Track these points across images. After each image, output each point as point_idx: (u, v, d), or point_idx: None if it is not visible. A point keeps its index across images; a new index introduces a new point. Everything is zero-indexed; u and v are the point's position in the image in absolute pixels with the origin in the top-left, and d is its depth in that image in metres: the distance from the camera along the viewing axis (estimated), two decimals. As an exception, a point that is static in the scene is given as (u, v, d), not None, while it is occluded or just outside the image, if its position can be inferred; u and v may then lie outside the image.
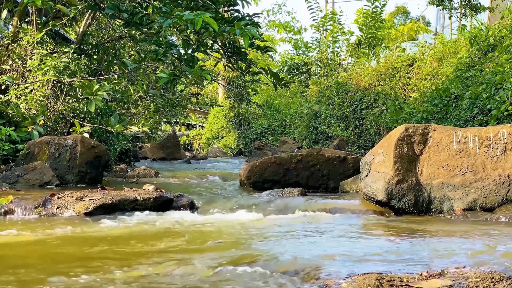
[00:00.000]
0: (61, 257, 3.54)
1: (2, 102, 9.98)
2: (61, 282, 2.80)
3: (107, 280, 2.83)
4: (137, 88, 11.20)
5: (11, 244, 4.03)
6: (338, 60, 25.26)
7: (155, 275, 2.95)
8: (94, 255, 3.59)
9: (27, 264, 3.30)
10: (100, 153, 8.39)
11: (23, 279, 2.88)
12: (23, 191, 6.64)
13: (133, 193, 5.93)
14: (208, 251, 3.70)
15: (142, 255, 3.56)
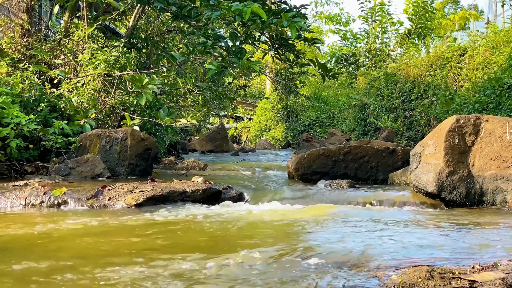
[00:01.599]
0: (113, 247, 3.60)
1: (55, 96, 10.19)
2: (115, 272, 2.84)
3: (161, 270, 2.86)
4: (185, 81, 11.28)
5: (67, 235, 4.11)
6: (387, 50, 24.96)
7: (209, 266, 2.97)
8: (146, 246, 3.63)
9: (83, 254, 3.37)
10: (149, 145, 8.49)
11: (81, 268, 2.94)
12: (76, 183, 6.78)
13: (182, 185, 5.99)
14: (257, 243, 3.71)
15: (193, 246, 3.59)
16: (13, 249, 3.57)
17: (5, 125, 7.71)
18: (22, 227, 4.37)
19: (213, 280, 2.69)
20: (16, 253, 3.42)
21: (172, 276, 2.74)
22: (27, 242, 3.80)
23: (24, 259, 3.17)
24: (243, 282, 2.65)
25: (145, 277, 2.72)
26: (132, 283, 2.60)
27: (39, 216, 5.09)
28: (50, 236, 4.03)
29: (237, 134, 32.10)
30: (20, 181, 6.76)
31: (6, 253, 3.43)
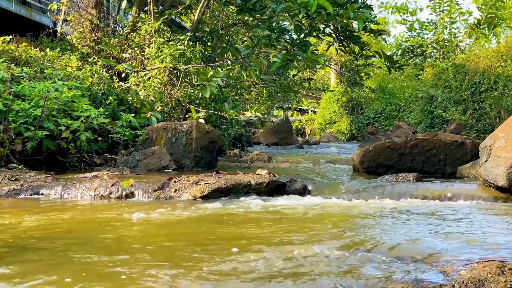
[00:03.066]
0: (181, 238, 3.65)
1: (123, 89, 10.40)
2: (183, 260, 2.87)
3: (228, 262, 2.88)
4: (250, 73, 11.32)
5: (137, 225, 4.19)
6: (456, 41, 24.38)
7: (274, 257, 2.97)
8: (213, 237, 3.66)
9: (152, 242, 3.43)
10: (214, 138, 8.55)
11: (152, 257, 2.99)
12: (143, 175, 6.90)
13: (246, 178, 6.01)
14: (322, 236, 3.69)
15: (258, 238, 3.60)
16: (86, 238, 3.66)
17: (75, 118, 7.92)
18: (94, 216, 4.48)
19: (278, 272, 2.69)
20: (92, 242, 3.50)
21: (237, 267, 2.76)
22: (101, 230, 3.89)
23: (103, 248, 3.26)
24: (308, 274, 2.63)
25: (212, 268, 2.74)
26: (211, 273, 2.63)
27: (108, 206, 5.21)
28: (124, 226, 4.12)
29: (302, 127, 32.00)
30: (89, 172, 6.93)
31: (84, 242, 3.52)
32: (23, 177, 6.38)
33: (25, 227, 4.00)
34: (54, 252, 3.19)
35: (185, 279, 2.50)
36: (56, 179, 6.43)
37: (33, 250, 3.23)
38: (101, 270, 2.70)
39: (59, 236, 3.71)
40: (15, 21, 14.16)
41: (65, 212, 4.79)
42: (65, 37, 13.44)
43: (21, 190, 6.02)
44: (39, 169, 7.32)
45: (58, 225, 4.13)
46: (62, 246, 3.37)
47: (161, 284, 2.43)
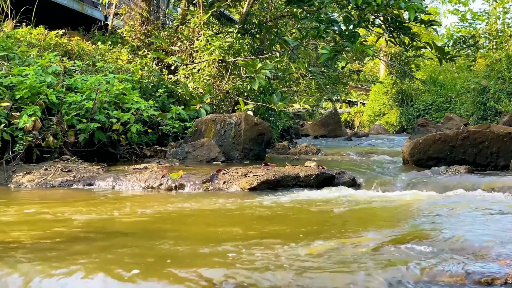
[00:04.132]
0: (232, 229, 3.67)
1: (172, 82, 10.50)
2: (229, 251, 2.89)
3: (275, 255, 2.89)
4: (298, 65, 11.29)
5: (189, 216, 4.24)
6: (509, 31, 23.79)
7: (323, 250, 2.96)
8: (264, 229, 3.67)
9: (206, 234, 3.46)
10: (263, 130, 8.56)
11: (210, 247, 3.02)
12: (192, 166, 6.96)
13: (295, 170, 6.00)
14: (371, 228, 3.66)
15: (307, 230, 3.60)
16: (139, 229, 3.72)
17: (126, 111, 8.04)
18: (146, 207, 4.55)
19: (324, 263, 2.68)
20: (145, 233, 3.55)
21: (287, 258, 2.76)
22: (154, 221, 3.94)
23: (156, 238, 3.30)
24: (354, 265, 2.62)
25: (265, 259, 2.75)
26: (261, 264, 2.64)
27: (158, 197, 5.28)
28: (175, 217, 4.17)
29: (350, 119, 31.80)
30: (139, 164, 7.03)
31: (136, 232, 3.58)
32: (75, 169, 6.51)
33: (79, 218, 4.09)
34: (110, 242, 3.25)
35: (245, 269, 2.51)
36: (108, 171, 6.54)
37: (88, 240, 3.30)
38: (159, 259, 2.74)
39: (114, 227, 3.78)
40: (68, 15, 14.43)
41: (117, 203, 4.87)
42: (116, 31, 13.65)
43: (73, 181, 6.15)
44: (91, 160, 7.46)
45: (112, 216, 4.20)
46: (116, 237, 3.43)
47: (220, 273, 2.45)
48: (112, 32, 13.64)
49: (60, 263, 2.60)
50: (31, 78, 7.25)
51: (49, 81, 7.52)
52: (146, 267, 2.55)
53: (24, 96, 7.17)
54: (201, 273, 2.40)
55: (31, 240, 3.23)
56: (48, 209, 4.47)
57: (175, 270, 2.47)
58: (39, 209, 4.51)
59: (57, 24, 11.64)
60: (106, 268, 2.49)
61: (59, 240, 3.27)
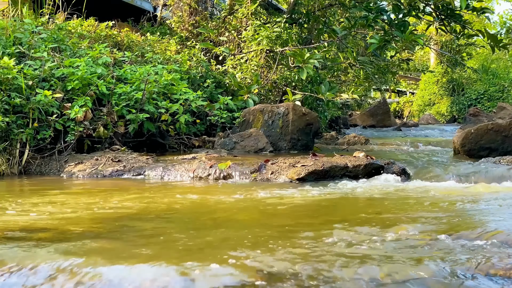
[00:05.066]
0: (281, 218, 3.67)
1: (220, 72, 10.54)
2: (276, 240, 2.89)
3: (324, 244, 2.87)
4: (346, 55, 11.18)
5: (235, 205, 4.26)
6: None
7: (375, 240, 2.93)
8: (309, 217, 3.66)
9: (255, 222, 3.47)
10: (311, 120, 8.52)
11: (262, 237, 3.02)
12: (240, 157, 6.98)
13: (343, 160, 5.96)
14: (420, 219, 3.60)
15: (354, 219, 3.57)
16: (189, 218, 3.75)
17: (174, 101, 8.10)
18: (195, 197, 4.59)
19: (370, 252, 2.64)
20: (195, 222, 3.58)
21: (336, 248, 2.74)
22: (203, 211, 3.97)
23: (205, 227, 3.33)
24: (402, 256, 2.58)
25: (314, 248, 2.73)
26: (311, 254, 2.63)
27: (206, 188, 5.31)
28: (224, 207, 4.19)
29: (399, 108, 31.37)
30: (188, 154, 7.08)
31: (187, 221, 3.61)
32: (125, 159, 6.60)
33: (132, 207, 4.14)
34: (162, 230, 3.29)
35: (293, 259, 2.50)
36: (157, 161, 6.61)
37: (141, 229, 3.34)
38: (208, 248, 2.75)
39: (165, 216, 3.82)
40: (118, 7, 14.60)
41: (166, 192, 4.92)
42: (165, 22, 13.76)
43: (124, 171, 6.24)
44: (141, 150, 7.56)
45: (162, 205, 4.24)
46: (167, 225, 3.46)
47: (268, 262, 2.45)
48: (160, 23, 13.76)
49: (119, 252, 2.63)
50: (82, 69, 7.36)
51: (100, 72, 7.64)
52: (195, 255, 2.56)
53: (75, 87, 7.29)
54: (248, 262, 2.40)
55: (84, 228, 3.28)
56: (100, 199, 4.54)
57: (224, 257, 2.47)
58: (91, 198, 4.59)
59: (107, 15, 11.79)
60: (162, 257, 2.51)
61: (113, 229, 3.32)
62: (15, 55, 7.44)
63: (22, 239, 2.96)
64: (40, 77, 7.17)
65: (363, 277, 2.29)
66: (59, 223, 3.45)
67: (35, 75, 7.11)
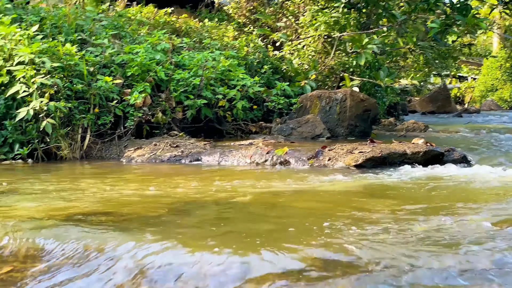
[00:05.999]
0: (338, 205, 3.64)
1: (277, 58, 10.51)
2: (336, 227, 2.87)
3: (385, 230, 2.84)
4: (406, 40, 10.98)
5: (293, 191, 4.25)
6: None
7: (432, 229, 2.88)
8: (366, 205, 3.62)
9: (307, 211, 3.46)
10: (369, 106, 8.43)
11: (306, 221, 3.02)
12: (297, 143, 6.96)
13: (402, 147, 5.87)
14: (485, 208, 3.52)
15: (416, 207, 3.51)
16: (246, 203, 3.77)
17: (232, 87, 8.13)
18: (253, 183, 4.60)
19: (439, 240, 2.59)
20: (250, 208, 3.60)
21: (397, 235, 2.70)
22: (261, 196, 3.98)
23: (263, 213, 3.34)
24: (467, 244, 2.52)
25: (374, 236, 2.71)
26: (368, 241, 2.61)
27: (264, 173, 5.32)
28: (281, 192, 4.19)
29: (460, 94, 30.69)
30: (245, 140, 7.11)
31: (244, 207, 3.63)
32: (183, 144, 6.67)
33: (187, 192, 4.19)
34: (222, 215, 3.31)
35: (353, 246, 2.48)
36: (214, 146, 6.66)
37: (200, 215, 3.37)
38: (265, 234, 2.76)
39: (223, 201, 3.84)
40: (176, -6, 14.72)
41: (224, 178, 4.95)
42: (222, 8, 13.80)
43: (181, 156, 6.31)
44: (198, 136, 7.63)
45: (220, 190, 4.27)
46: (226, 211, 3.49)
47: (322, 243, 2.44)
48: (218, 9, 13.81)
49: (179, 237, 2.66)
50: (141, 55, 7.47)
51: (158, 59, 7.73)
52: (254, 241, 2.57)
53: (134, 73, 7.40)
54: (308, 249, 2.39)
55: (145, 213, 3.33)
56: (159, 184, 4.60)
57: (283, 244, 2.47)
58: (149, 183, 4.66)
59: (166, 2, 11.90)
60: (221, 242, 2.53)
61: (172, 214, 3.36)
62: (77, 42, 7.60)
63: (84, 222, 3.03)
64: (101, 64, 7.31)
65: (432, 266, 2.25)
66: (119, 208, 3.51)
67: (96, 61, 7.25)
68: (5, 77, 6.60)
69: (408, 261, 2.29)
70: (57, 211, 3.33)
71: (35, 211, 3.32)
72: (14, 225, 2.88)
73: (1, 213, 3.24)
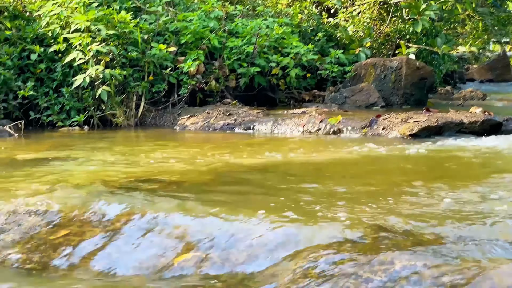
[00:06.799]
0: (386, 175, 3.61)
1: (331, 25, 10.37)
2: (389, 195, 2.83)
3: (439, 199, 2.79)
4: (464, 6, 10.67)
5: (346, 160, 4.23)
6: None
7: (488, 200, 2.82)
8: (419, 175, 3.57)
9: (360, 179, 3.43)
10: (425, 74, 8.27)
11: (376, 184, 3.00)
12: (350, 111, 6.89)
13: (458, 116, 5.74)
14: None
15: (464, 176, 3.44)
16: (298, 171, 3.76)
17: (285, 55, 8.07)
18: (309, 151, 4.59)
19: (478, 212, 2.54)
20: (305, 176, 3.59)
21: (450, 205, 2.65)
22: (314, 164, 3.97)
23: (316, 180, 3.33)
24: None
25: (426, 204, 2.67)
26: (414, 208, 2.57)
27: (318, 142, 5.30)
28: (334, 161, 4.17)
29: (520, 62, 29.79)
30: (298, 109, 7.07)
31: (299, 174, 3.63)
32: (236, 112, 6.68)
33: (240, 160, 4.20)
34: (272, 183, 3.32)
35: (404, 214, 2.45)
36: (267, 115, 6.65)
37: (249, 182, 3.39)
38: (318, 201, 2.75)
39: (274, 169, 3.85)
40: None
41: (277, 146, 4.95)
42: (276, -25, 13.64)
43: (234, 124, 6.32)
44: (251, 104, 7.62)
45: (272, 158, 4.27)
46: (277, 179, 3.49)
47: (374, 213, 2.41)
48: (272, -24, 13.66)
49: (233, 204, 2.68)
50: (195, 23, 7.47)
51: (212, 26, 7.72)
52: (306, 208, 2.56)
53: (188, 41, 7.42)
54: (361, 218, 2.37)
55: (198, 180, 3.36)
56: (212, 151, 4.64)
57: (333, 214, 2.46)
58: (203, 151, 4.70)
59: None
60: (274, 209, 2.53)
61: (225, 180, 3.38)
62: (132, 10, 7.64)
63: (138, 188, 3.07)
64: (155, 31, 7.35)
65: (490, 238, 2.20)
66: (173, 174, 3.55)
67: (150, 29, 7.29)
68: (62, 45, 6.72)
69: (461, 233, 2.24)
70: (112, 177, 3.40)
71: (91, 176, 3.39)
72: (71, 190, 2.94)
73: (58, 178, 3.31)
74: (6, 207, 2.71)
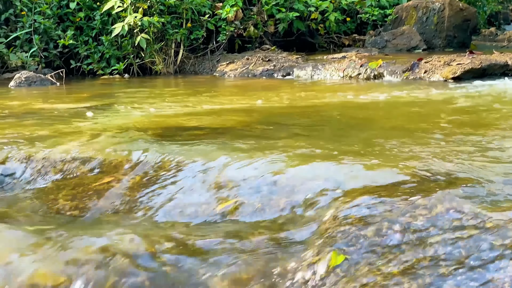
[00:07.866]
0: (429, 120, 3.56)
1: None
2: (432, 140, 2.80)
3: (479, 147, 2.75)
4: None
5: (391, 103, 4.18)
6: None
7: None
8: (461, 120, 3.52)
9: (405, 122, 3.40)
10: (468, 16, 8.06)
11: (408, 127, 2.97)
12: (391, 55, 6.78)
13: (503, 58, 5.60)
14: None
15: (499, 124, 3.37)
16: (337, 116, 3.74)
17: (324, -1, 7.95)
18: (349, 96, 4.55)
19: None
20: (345, 120, 3.57)
21: (488, 152, 2.61)
22: (353, 108, 3.95)
23: (356, 126, 3.32)
24: None
25: (465, 152, 2.63)
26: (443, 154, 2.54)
27: (359, 86, 5.24)
28: (374, 105, 4.13)
29: None
30: (338, 53, 6.98)
31: (339, 119, 3.61)
32: (275, 58, 6.63)
33: (280, 106, 4.19)
34: (313, 129, 3.31)
35: (443, 160, 2.42)
36: (306, 60, 6.59)
37: (289, 127, 3.38)
38: (358, 145, 2.74)
39: (315, 115, 3.83)
40: None
41: (316, 92, 4.91)
42: None
43: (274, 70, 6.29)
44: (290, 50, 7.55)
45: (313, 104, 4.25)
46: (318, 124, 3.48)
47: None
48: None
49: (276, 151, 2.68)
50: (232, -32, 7.38)
51: (249, -29, 7.62)
52: (347, 156, 2.55)
53: (226, -14, 7.35)
54: (401, 163, 2.36)
55: (240, 125, 3.37)
56: (252, 97, 4.63)
57: (373, 158, 2.44)
58: (243, 96, 4.69)
59: None
60: (316, 154, 2.53)
61: (267, 126, 3.38)
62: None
63: (179, 135, 3.09)
64: (192, -22, 7.29)
65: None
66: (215, 120, 3.56)
67: (187, -25, 7.23)
68: (100, -7, 6.72)
69: (508, 180, 2.21)
70: (155, 124, 3.42)
71: (133, 124, 3.42)
72: (114, 139, 2.98)
73: (101, 127, 3.35)
74: (51, 154, 2.76)
